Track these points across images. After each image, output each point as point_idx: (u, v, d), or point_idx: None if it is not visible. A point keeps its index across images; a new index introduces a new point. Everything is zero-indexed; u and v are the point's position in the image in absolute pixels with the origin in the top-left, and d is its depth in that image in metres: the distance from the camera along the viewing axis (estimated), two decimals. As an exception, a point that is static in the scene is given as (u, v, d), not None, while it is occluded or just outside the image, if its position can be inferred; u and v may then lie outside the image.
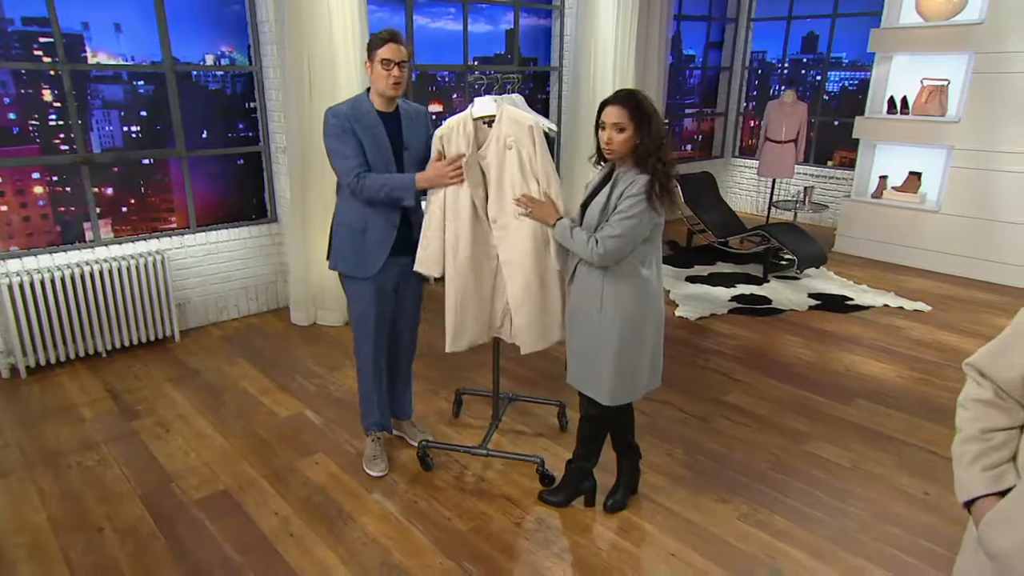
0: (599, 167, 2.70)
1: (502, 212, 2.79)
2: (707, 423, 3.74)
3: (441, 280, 2.94)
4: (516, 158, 2.70)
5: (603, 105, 2.50)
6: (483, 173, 2.79)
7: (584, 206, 2.65)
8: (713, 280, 6.17)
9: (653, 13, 6.80)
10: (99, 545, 2.73)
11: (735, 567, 2.65)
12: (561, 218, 2.69)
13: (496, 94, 2.84)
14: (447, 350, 2.98)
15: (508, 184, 2.74)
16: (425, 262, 2.92)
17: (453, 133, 2.75)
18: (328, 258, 3.07)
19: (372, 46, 2.81)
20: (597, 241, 2.48)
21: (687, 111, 8.99)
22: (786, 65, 8.72)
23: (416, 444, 3.34)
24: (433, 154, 2.83)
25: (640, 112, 2.42)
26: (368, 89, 2.90)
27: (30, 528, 2.83)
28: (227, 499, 3.03)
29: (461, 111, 2.80)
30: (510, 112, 2.70)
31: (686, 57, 8.68)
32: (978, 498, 1.31)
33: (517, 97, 2.93)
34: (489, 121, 2.75)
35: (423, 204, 2.98)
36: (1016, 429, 1.32)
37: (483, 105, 2.73)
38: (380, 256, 2.95)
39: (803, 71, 8.63)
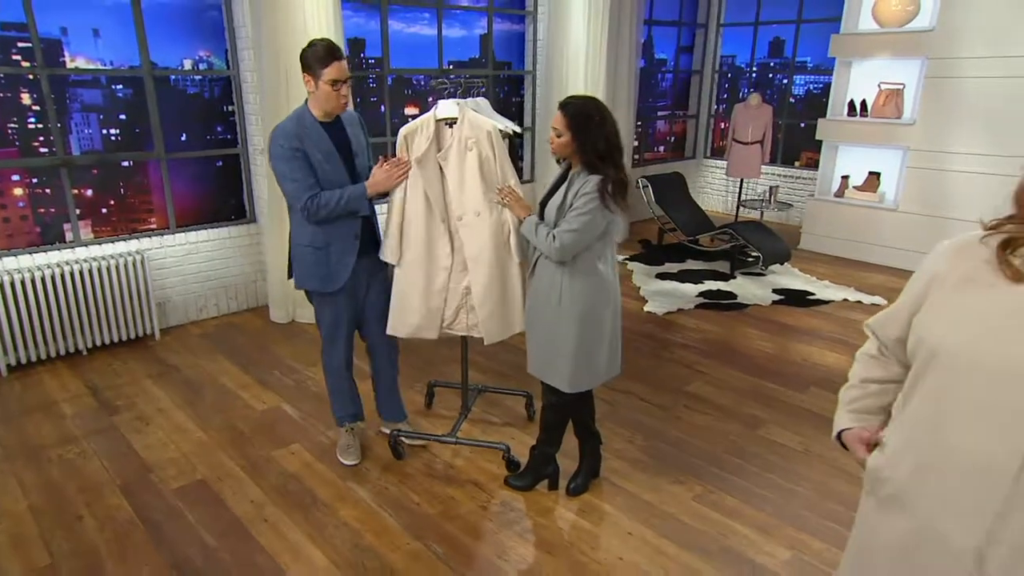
0: (560, 165, 2.82)
1: (465, 210, 2.89)
2: (668, 411, 3.86)
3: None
4: (476, 159, 2.80)
5: None
6: (441, 172, 2.88)
7: (543, 204, 2.77)
8: (682, 277, 6.29)
9: (623, 18, 6.89)
10: (79, 532, 2.79)
11: (687, 543, 2.78)
12: (531, 215, 2.80)
13: (461, 98, 2.94)
14: (387, 331, 3.10)
15: (470, 182, 2.84)
16: (386, 252, 3.00)
17: (416, 133, 2.85)
18: (291, 278, 3.04)
19: (314, 63, 2.72)
20: (554, 236, 2.59)
21: (659, 113, 9.11)
22: (754, 69, 8.89)
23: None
24: (398, 152, 2.89)
25: (576, 119, 2.54)
26: (306, 101, 2.84)
27: (11, 516, 2.89)
28: (204, 488, 3.10)
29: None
30: (471, 116, 2.81)
31: (658, 61, 8.81)
32: (844, 432, 1.50)
33: (482, 101, 3.04)
34: (451, 123, 2.84)
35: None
36: (892, 383, 1.47)
37: (446, 108, 2.83)
38: (347, 266, 2.95)
39: (770, 75, 8.80)
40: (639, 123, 8.46)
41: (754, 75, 8.90)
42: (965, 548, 1.21)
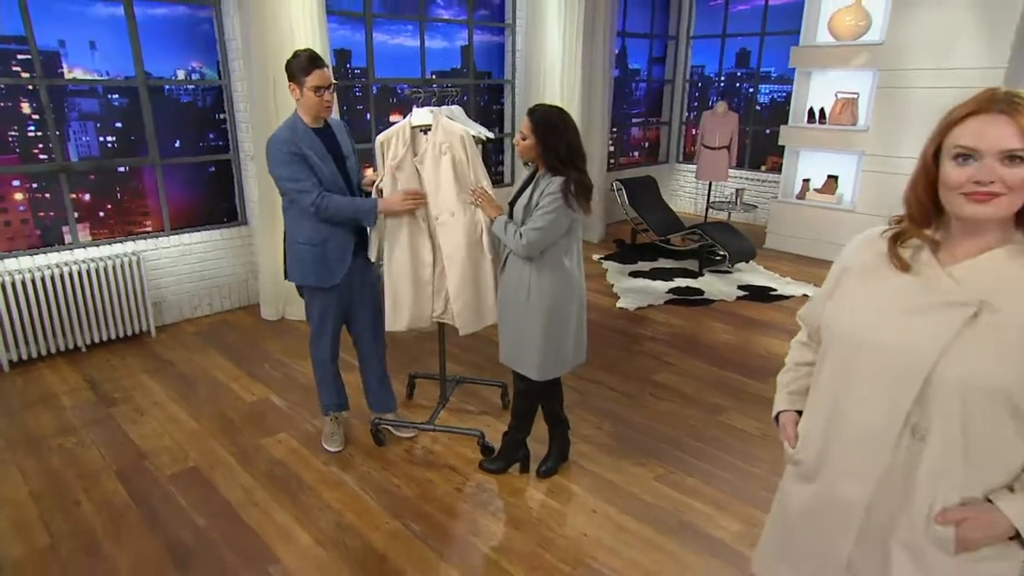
0: (527, 168, 2.90)
1: (441, 209, 2.95)
2: (635, 400, 3.94)
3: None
4: (450, 162, 2.87)
5: None
6: (419, 175, 2.95)
7: (512, 204, 2.84)
8: (654, 275, 6.37)
9: (597, 31, 6.98)
10: (77, 516, 2.84)
11: (647, 519, 2.86)
12: (501, 214, 2.86)
13: (436, 106, 3.01)
14: (387, 328, 3.17)
15: (444, 185, 2.91)
16: (372, 251, 3.08)
17: (393, 139, 2.91)
18: (287, 274, 3.07)
19: (298, 72, 2.76)
20: (521, 234, 2.66)
21: (634, 120, 9.19)
22: (722, 79, 8.99)
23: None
24: (378, 158, 2.96)
25: (541, 125, 2.63)
26: (296, 111, 2.89)
27: (13, 502, 2.93)
28: (196, 474, 3.15)
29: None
30: (444, 122, 2.88)
31: (632, 71, 8.89)
32: (780, 413, 1.57)
33: (456, 109, 3.11)
34: (426, 129, 2.91)
35: None
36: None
37: (420, 115, 2.90)
38: (344, 262, 3.00)
39: (737, 84, 8.89)
40: (614, 129, 8.53)
41: (722, 84, 9.00)
42: (857, 502, 1.31)
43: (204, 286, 5.13)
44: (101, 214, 4.80)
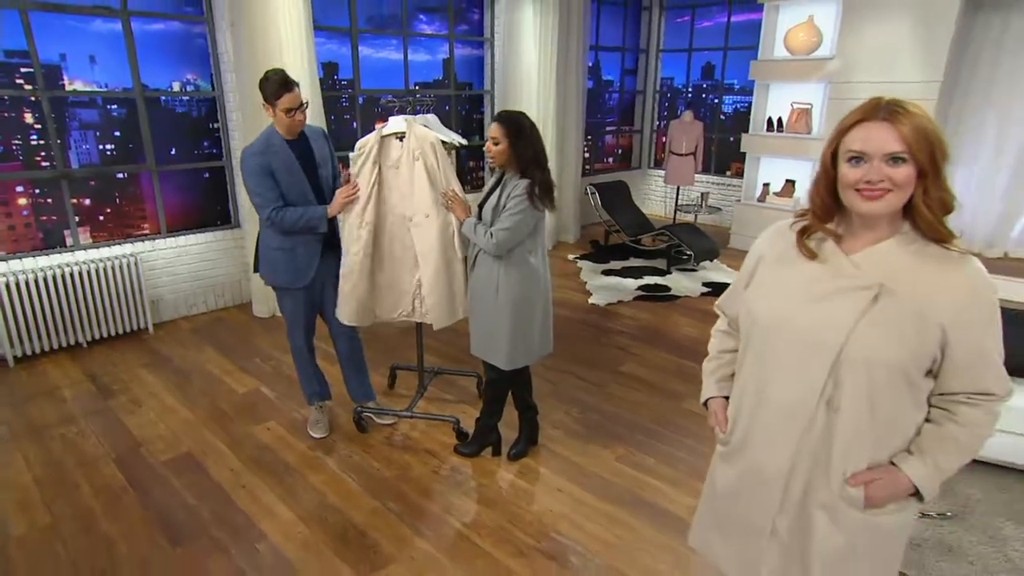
0: (493, 173, 2.97)
1: (416, 211, 3.00)
2: (602, 388, 4.02)
3: None
4: (423, 167, 2.93)
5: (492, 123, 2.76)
6: (389, 178, 3.01)
7: (481, 206, 2.90)
8: (625, 273, 6.45)
9: (571, 45, 7.05)
10: (76, 498, 2.89)
11: (607, 495, 2.95)
12: (470, 216, 2.93)
13: (411, 114, 3.08)
14: (335, 315, 3.19)
15: (419, 188, 2.97)
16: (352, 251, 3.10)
17: (367, 146, 2.96)
18: (260, 275, 3.11)
19: (269, 95, 2.78)
20: (492, 234, 2.72)
21: (608, 128, 9.28)
22: (689, 90, 9.11)
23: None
24: (351, 165, 2.99)
25: (512, 128, 2.68)
26: (271, 126, 2.92)
27: (17, 486, 2.97)
28: (189, 459, 3.20)
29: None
30: (417, 130, 2.94)
31: (605, 82, 8.98)
32: (709, 399, 1.63)
33: (431, 117, 3.16)
34: (401, 137, 2.96)
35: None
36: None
37: (395, 123, 2.95)
38: (312, 265, 3.05)
39: (703, 95, 9.02)
40: (589, 137, 8.63)
41: (690, 95, 9.11)
42: (776, 475, 1.40)
43: (199, 285, 5.15)
44: (101, 218, 4.81)
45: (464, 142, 3.20)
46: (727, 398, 1.58)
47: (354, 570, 2.48)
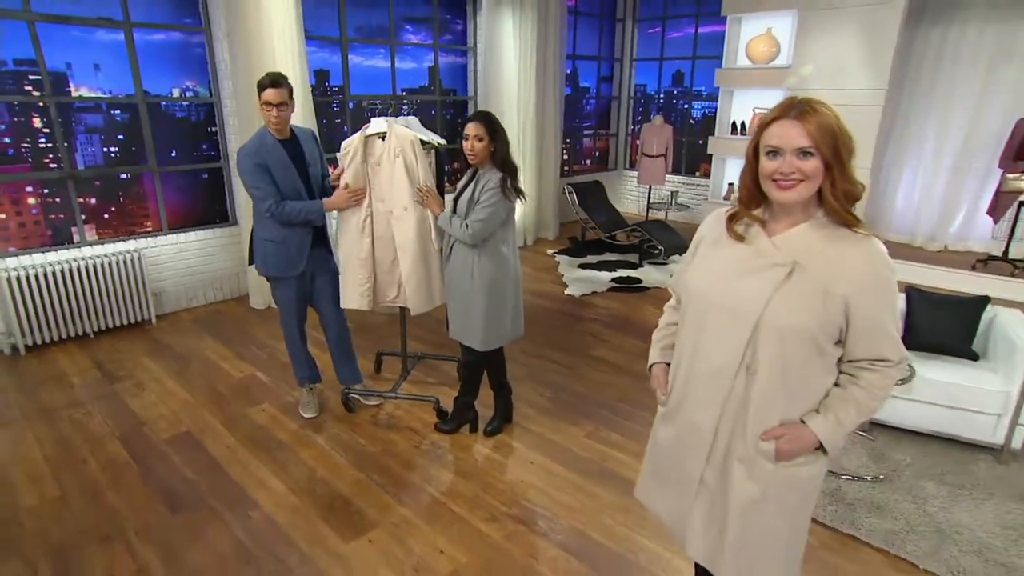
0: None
1: (395, 205, 3.07)
2: (575, 371, 4.10)
3: None
4: (403, 164, 3.00)
5: (465, 122, 2.80)
6: (372, 176, 3.08)
7: (456, 199, 2.96)
8: (600, 266, 6.53)
9: (549, 54, 7.11)
10: (84, 472, 2.95)
11: (574, 467, 3.05)
12: (444, 211, 2.99)
13: (393, 116, 3.15)
14: (341, 305, 3.30)
15: (398, 184, 3.03)
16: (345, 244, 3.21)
17: (352, 145, 3.04)
18: (254, 265, 3.17)
19: (259, 88, 2.88)
20: (467, 226, 2.78)
21: (586, 132, 9.34)
22: (661, 96, 9.19)
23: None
24: (340, 163, 3.08)
25: (491, 125, 2.76)
26: (264, 126, 3.00)
27: (29, 462, 3.03)
28: (188, 437, 3.26)
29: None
30: (397, 130, 3.01)
31: (582, 88, 9.04)
32: (653, 364, 1.71)
33: (412, 119, 3.22)
34: (383, 136, 3.03)
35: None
36: None
37: (377, 124, 3.02)
38: (302, 257, 3.11)
39: (674, 100, 9.10)
40: (567, 140, 8.70)
41: (661, 101, 9.19)
42: (705, 431, 1.49)
43: (199, 279, 5.18)
44: (106, 216, 4.84)
45: (443, 142, 3.27)
46: (669, 364, 1.65)
47: (339, 535, 2.57)
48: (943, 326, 3.33)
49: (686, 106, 8.92)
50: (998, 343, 3.23)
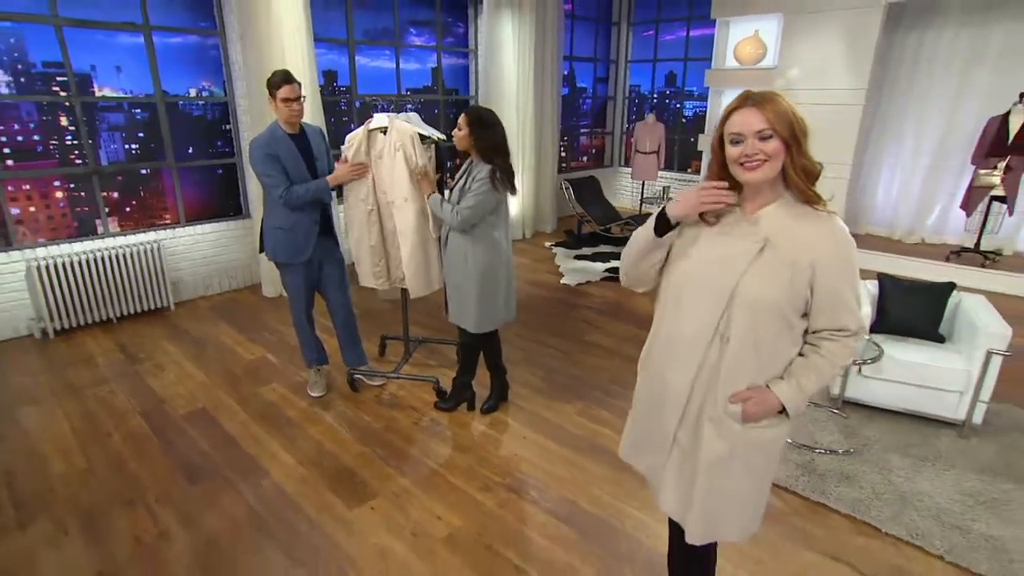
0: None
1: (396, 195, 3.13)
2: (568, 354, 4.15)
3: None
4: (403, 157, 3.05)
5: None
6: (376, 167, 3.15)
7: (451, 189, 3.00)
8: (594, 258, 6.56)
9: (547, 55, 7.13)
10: (108, 445, 3.04)
11: (566, 442, 3.10)
12: (434, 192, 3.03)
13: (396, 112, 3.19)
14: (361, 284, 3.37)
15: (399, 175, 3.09)
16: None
17: (356, 139, 3.10)
18: (263, 251, 3.21)
19: (272, 87, 2.92)
20: (457, 212, 2.83)
21: (583, 130, 9.37)
22: (655, 96, 9.20)
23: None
24: (343, 154, 3.13)
25: (472, 119, 2.82)
26: (275, 121, 3.04)
27: (58, 436, 3.11)
28: (205, 414, 3.34)
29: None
30: (398, 124, 3.06)
31: (579, 89, 9.05)
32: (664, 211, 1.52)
33: (413, 115, 3.26)
34: (384, 130, 3.09)
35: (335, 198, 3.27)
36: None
37: (379, 119, 3.08)
38: (309, 244, 3.15)
39: (667, 100, 9.12)
40: (565, 138, 8.72)
41: (655, 100, 9.20)
42: (680, 393, 1.53)
43: (214, 269, 5.23)
44: (127, 209, 4.90)
45: (443, 137, 3.31)
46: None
47: (344, 502, 2.64)
48: (912, 311, 3.38)
49: (678, 105, 8.93)
50: (962, 326, 3.28)
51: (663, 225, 1.51)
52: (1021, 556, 2.35)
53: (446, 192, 3.10)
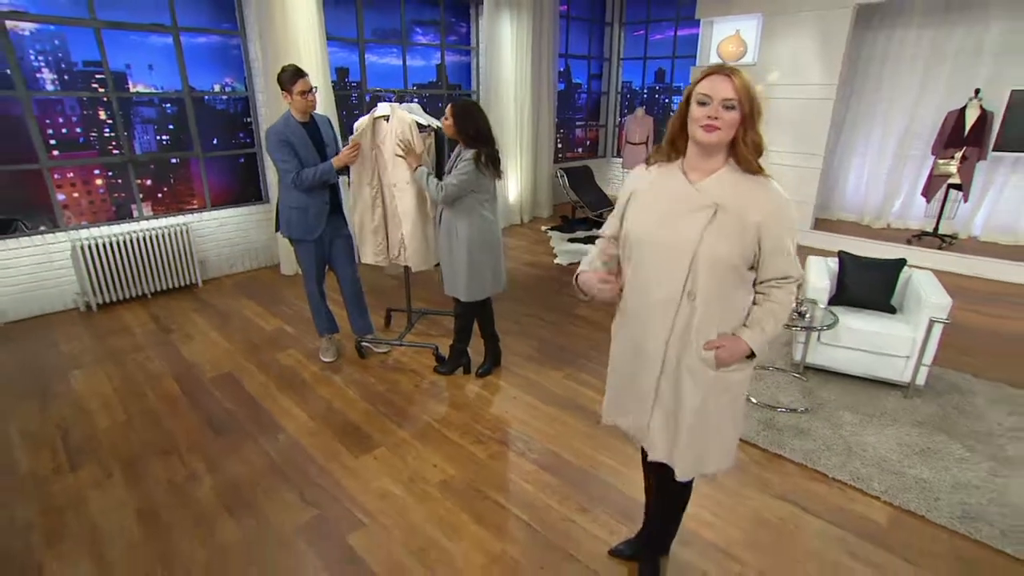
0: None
1: (397, 179, 3.19)
2: (558, 326, 4.22)
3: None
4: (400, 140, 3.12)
5: None
6: (379, 153, 3.21)
7: (447, 171, 3.05)
8: (587, 240, 6.59)
9: (544, 53, 7.12)
10: (144, 402, 3.15)
11: (552, 402, 3.19)
12: (421, 166, 3.06)
13: (398, 102, 3.25)
14: (361, 261, 3.43)
15: (399, 160, 3.14)
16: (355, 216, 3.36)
17: (362, 126, 3.16)
18: (278, 229, 3.29)
19: (287, 82, 2.96)
20: (442, 187, 2.90)
21: (578, 124, 9.34)
22: (645, 91, 9.17)
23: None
24: (351, 140, 3.18)
25: (457, 111, 2.88)
26: (288, 111, 3.09)
27: (101, 395, 3.23)
28: (229, 377, 3.44)
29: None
30: (399, 113, 3.12)
31: (575, 84, 9.01)
32: (579, 273, 1.71)
33: (415, 105, 3.31)
34: (387, 119, 3.14)
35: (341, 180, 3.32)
36: (615, 253, 1.71)
37: (383, 108, 3.14)
38: (320, 223, 3.21)
39: (657, 96, 9.09)
40: (561, 130, 8.72)
41: (645, 96, 9.17)
42: (658, 348, 1.58)
43: (237, 250, 5.29)
44: (159, 195, 4.96)
45: (439, 124, 3.34)
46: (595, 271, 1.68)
47: (351, 452, 2.75)
48: (868, 285, 3.43)
49: (667, 100, 8.89)
50: (911, 298, 3.33)
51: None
52: (945, 495, 2.44)
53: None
